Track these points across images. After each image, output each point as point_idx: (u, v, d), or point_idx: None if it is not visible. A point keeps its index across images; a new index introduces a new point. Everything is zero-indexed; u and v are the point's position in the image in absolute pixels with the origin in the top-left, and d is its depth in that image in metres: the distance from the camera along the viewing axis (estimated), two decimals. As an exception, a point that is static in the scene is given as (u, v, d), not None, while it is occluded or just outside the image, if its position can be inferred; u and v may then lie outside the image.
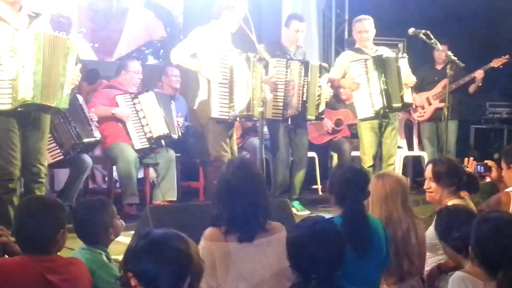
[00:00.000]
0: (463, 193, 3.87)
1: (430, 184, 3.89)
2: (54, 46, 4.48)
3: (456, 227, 3.00)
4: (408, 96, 6.46)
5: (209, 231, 3.00)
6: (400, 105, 6.34)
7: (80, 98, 6.08)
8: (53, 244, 2.79)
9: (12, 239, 3.02)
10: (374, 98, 6.27)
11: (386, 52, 6.63)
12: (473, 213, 3.23)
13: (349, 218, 3.15)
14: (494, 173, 4.27)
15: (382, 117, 6.37)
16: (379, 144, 6.45)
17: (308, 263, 2.58)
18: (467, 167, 4.14)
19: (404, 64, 6.40)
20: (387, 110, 6.32)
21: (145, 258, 2.13)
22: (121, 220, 3.29)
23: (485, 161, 4.32)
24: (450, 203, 3.74)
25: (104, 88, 6.51)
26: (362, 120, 6.46)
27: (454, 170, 3.86)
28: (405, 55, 6.55)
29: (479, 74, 7.37)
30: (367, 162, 6.40)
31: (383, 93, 6.24)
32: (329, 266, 2.57)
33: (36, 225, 2.74)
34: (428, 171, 3.91)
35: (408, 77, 6.41)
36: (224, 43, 5.65)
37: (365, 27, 6.50)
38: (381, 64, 6.28)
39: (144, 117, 6.26)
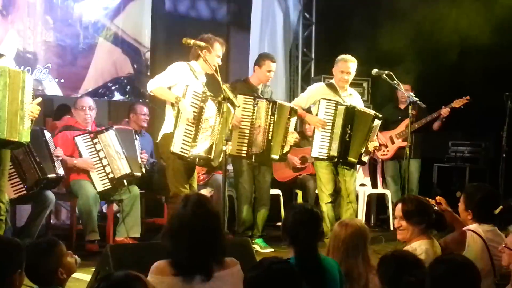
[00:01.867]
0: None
1: (400, 223, 3.89)
2: (13, 80, 4.49)
3: (405, 272, 2.97)
4: (366, 157, 6.54)
5: (157, 264, 2.96)
6: (355, 161, 6.39)
7: (47, 134, 6.05)
8: (9, 285, 2.76)
9: None
10: (333, 144, 6.32)
11: (357, 98, 6.65)
12: (417, 258, 3.22)
13: (302, 259, 3.15)
14: (444, 209, 4.33)
15: (335, 165, 6.40)
16: (338, 181, 6.45)
17: None
18: (435, 205, 4.17)
19: (377, 123, 6.40)
20: (340, 161, 6.36)
21: None
22: (75, 257, 3.24)
23: (436, 198, 4.36)
24: (419, 242, 3.78)
25: (62, 129, 6.40)
26: (315, 159, 6.49)
27: (423, 208, 3.89)
28: (381, 115, 6.47)
29: (445, 112, 7.45)
30: (325, 199, 6.39)
31: (343, 144, 6.28)
32: None
33: None
34: (398, 210, 3.91)
35: (375, 140, 6.46)
36: (199, 84, 5.65)
37: (349, 69, 6.44)
38: (351, 115, 6.30)
39: (104, 157, 6.19)
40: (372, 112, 6.47)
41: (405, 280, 2.86)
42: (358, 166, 6.97)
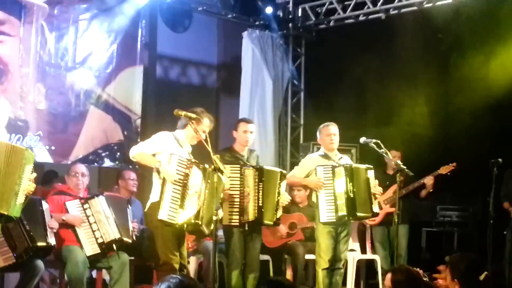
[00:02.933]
0: None
1: None
2: (10, 155, 4.55)
3: None
4: (376, 206, 6.63)
5: None
6: (369, 215, 6.58)
7: (45, 205, 6.06)
8: None
9: None
10: (339, 205, 6.43)
11: (348, 161, 6.82)
12: None
13: None
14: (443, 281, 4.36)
15: (342, 224, 6.51)
16: (335, 248, 6.53)
17: None
18: (425, 277, 4.17)
19: (371, 174, 6.59)
20: (350, 218, 6.50)
21: None
22: None
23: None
24: None
25: (54, 194, 6.46)
26: (324, 223, 6.54)
27: (413, 280, 3.87)
28: (371, 166, 6.68)
29: (428, 180, 7.58)
30: (322, 264, 6.47)
31: (349, 201, 6.41)
32: None
33: None
34: (388, 280, 3.92)
35: (375, 187, 6.60)
36: (184, 152, 5.73)
37: (332, 130, 6.67)
38: (350, 173, 6.45)
39: (94, 222, 6.22)
40: (363, 166, 6.65)
41: None
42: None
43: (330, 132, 6.67)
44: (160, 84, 8.95)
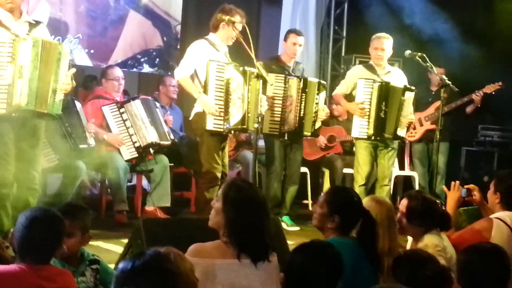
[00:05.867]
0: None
1: (401, 219, 3.75)
2: (48, 52, 4.48)
3: (421, 268, 2.90)
4: (403, 130, 6.48)
5: (199, 247, 2.90)
6: (391, 136, 6.38)
7: (78, 104, 6.09)
8: (55, 255, 2.86)
9: (6, 244, 3.05)
10: (371, 122, 6.32)
11: (398, 75, 6.61)
12: (429, 253, 3.20)
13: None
14: (476, 197, 4.29)
15: (375, 141, 6.40)
16: (375, 164, 6.47)
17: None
18: (442, 204, 4.06)
19: (409, 96, 6.41)
20: (378, 138, 6.36)
21: (141, 281, 2.11)
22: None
23: (466, 186, 4.30)
24: (429, 237, 3.67)
25: (91, 98, 6.45)
26: (355, 139, 6.51)
27: (428, 208, 3.72)
28: (413, 87, 6.51)
29: (477, 95, 7.38)
30: (359, 180, 6.42)
31: (379, 121, 6.29)
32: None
33: (41, 239, 2.79)
34: (403, 206, 3.77)
35: (410, 115, 6.45)
36: (221, 56, 5.67)
37: (383, 45, 6.46)
38: (385, 92, 6.31)
39: (131, 126, 6.23)
40: (401, 86, 6.44)
41: (422, 275, 2.85)
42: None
43: (378, 46, 6.48)
44: (201, -10, 8.74)
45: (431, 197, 3.93)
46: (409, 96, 6.44)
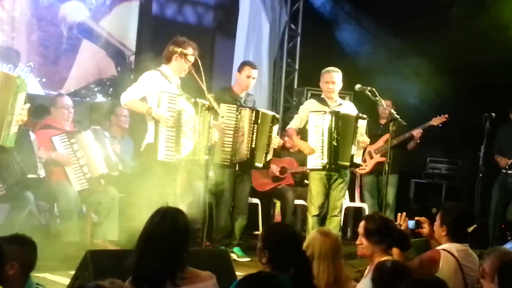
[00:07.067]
0: (394, 250, 3.93)
1: (361, 240, 3.88)
2: (3, 83, 4.46)
3: (399, 279, 3.02)
4: (358, 158, 6.56)
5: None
6: (347, 164, 6.44)
7: (32, 135, 6.03)
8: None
9: None
10: (324, 152, 6.38)
11: (349, 107, 6.69)
12: (409, 270, 3.30)
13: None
14: (426, 230, 4.37)
15: (330, 171, 6.45)
16: (327, 195, 6.52)
17: None
18: (400, 224, 4.20)
19: (362, 124, 6.50)
20: (333, 167, 6.42)
21: None
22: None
23: (416, 218, 4.39)
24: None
25: (40, 128, 6.38)
26: (311, 170, 6.56)
27: (385, 228, 3.85)
28: (365, 116, 6.60)
29: (417, 133, 7.54)
30: (312, 211, 6.46)
31: (332, 149, 6.35)
32: None
33: None
34: (361, 228, 3.90)
35: (363, 137, 6.52)
36: (173, 87, 5.69)
37: (333, 78, 6.55)
38: (336, 120, 6.37)
39: (82, 157, 6.21)
40: (354, 114, 6.54)
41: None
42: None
43: (328, 80, 6.57)
44: (155, 21, 8.78)
45: (387, 217, 4.06)
46: (362, 125, 6.54)
